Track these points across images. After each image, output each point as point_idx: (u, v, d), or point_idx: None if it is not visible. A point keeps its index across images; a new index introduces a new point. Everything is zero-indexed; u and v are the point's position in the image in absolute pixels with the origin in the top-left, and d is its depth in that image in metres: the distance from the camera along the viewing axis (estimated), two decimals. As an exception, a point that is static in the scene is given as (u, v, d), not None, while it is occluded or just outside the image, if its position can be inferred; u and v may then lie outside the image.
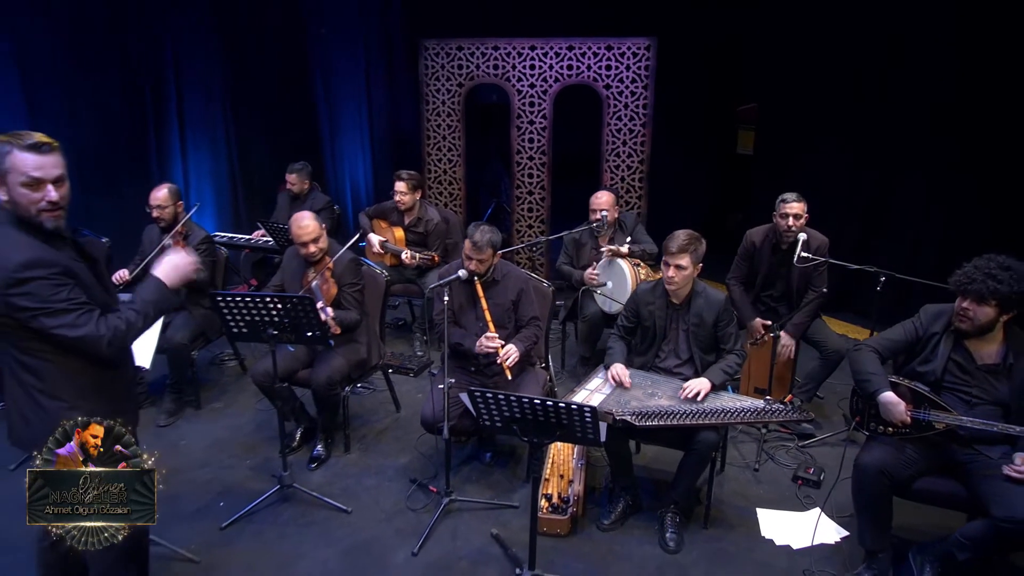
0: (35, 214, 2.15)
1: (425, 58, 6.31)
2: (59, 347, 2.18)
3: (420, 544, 3.28)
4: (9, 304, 2.10)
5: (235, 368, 5.19)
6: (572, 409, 2.62)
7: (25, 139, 2.14)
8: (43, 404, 2.26)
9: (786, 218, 4.11)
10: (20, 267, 2.09)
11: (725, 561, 3.21)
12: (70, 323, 2.15)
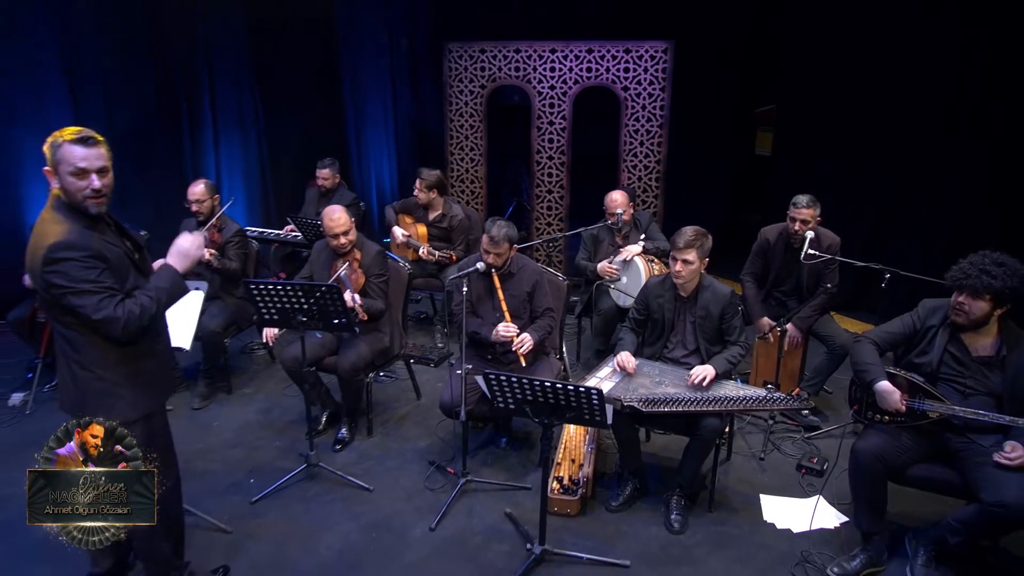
0: (81, 200, 2.37)
1: (449, 60, 6.52)
2: (86, 324, 2.39)
3: (437, 520, 3.47)
4: (45, 281, 2.32)
5: (264, 357, 5.43)
6: (580, 391, 2.79)
7: (74, 134, 2.36)
8: (76, 373, 2.47)
9: (794, 222, 4.25)
10: (55, 248, 2.30)
11: (727, 543, 3.36)
12: (92, 305, 2.33)
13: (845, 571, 3.10)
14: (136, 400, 2.54)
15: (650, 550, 3.31)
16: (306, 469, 3.82)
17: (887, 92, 5.75)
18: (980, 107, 5.19)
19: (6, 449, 4.07)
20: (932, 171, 5.57)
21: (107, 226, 2.49)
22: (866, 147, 5.98)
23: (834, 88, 6.10)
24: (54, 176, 2.39)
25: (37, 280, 2.35)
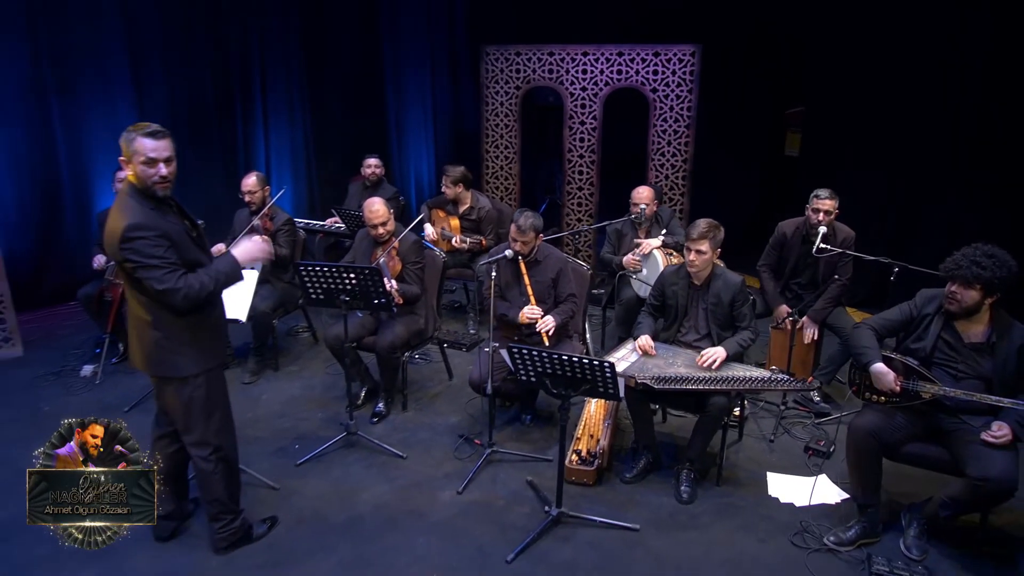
0: (150, 185, 2.76)
1: (486, 63, 6.84)
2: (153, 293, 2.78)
3: (464, 485, 3.79)
4: (121, 256, 2.71)
5: (308, 339, 5.82)
6: (595, 365, 3.08)
7: (145, 128, 2.74)
8: (148, 334, 2.87)
9: (817, 212, 4.46)
10: (130, 228, 2.68)
11: (732, 513, 3.62)
12: (158, 278, 2.72)
13: (841, 540, 3.34)
14: (196, 357, 2.93)
15: (659, 517, 3.58)
16: (345, 437, 4.18)
17: (912, 94, 5.90)
18: (1001, 112, 5.32)
19: (81, 413, 4.45)
20: (956, 172, 5.71)
21: (170, 208, 2.88)
22: (891, 148, 6.13)
23: (860, 90, 6.26)
24: (128, 165, 2.78)
25: (115, 255, 2.73)
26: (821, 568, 3.20)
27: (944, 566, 3.22)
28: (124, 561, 3.19)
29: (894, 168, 6.13)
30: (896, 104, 6.02)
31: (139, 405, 4.63)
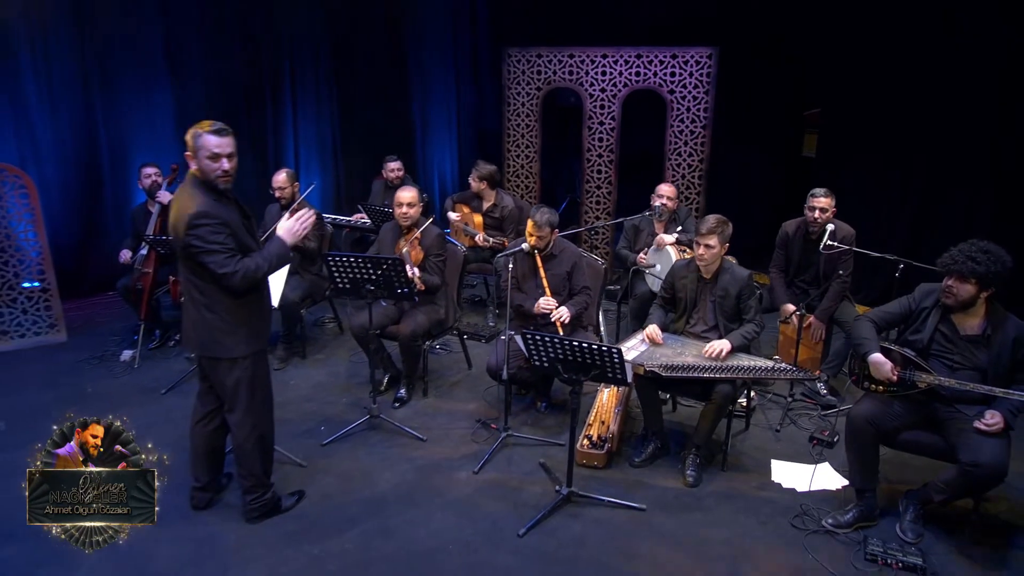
0: (214, 179, 3.00)
1: (508, 64, 7.05)
2: (212, 276, 3.02)
3: (480, 466, 3.99)
4: (185, 241, 2.95)
5: (334, 329, 6.07)
6: (603, 350, 3.27)
7: (211, 126, 2.98)
8: (203, 315, 3.11)
9: (813, 211, 4.61)
10: (195, 216, 2.93)
11: (735, 496, 3.78)
12: (219, 262, 2.97)
13: (839, 523, 3.48)
14: (247, 339, 3.18)
15: (665, 498, 3.75)
16: (369, 420, 4.40)
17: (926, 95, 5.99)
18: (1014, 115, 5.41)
19: (122, 394, 4.83)
20: (968, 173, 5.80)
21: (228, 199, 3.12)
22: (904, 148, 6.23)
23: (874, 92, 6.36)
24: (193, 159, 3.02)
25: (179, 241, 2.98)
26: (818, 548, 3.35)
27: (938, 549, 3.36)
28: (163, 529, 3.42)
29: (908, 168, 6.22)
30: (910, 105, 6.11)
31: (175, 388, 4.90)
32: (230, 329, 3.12)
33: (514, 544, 3.38)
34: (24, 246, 5.58)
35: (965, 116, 5.75)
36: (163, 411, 4.63)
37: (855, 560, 3.26)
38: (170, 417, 4.50)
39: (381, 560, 3.27)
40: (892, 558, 3.22)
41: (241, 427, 3.30)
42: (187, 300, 3.16)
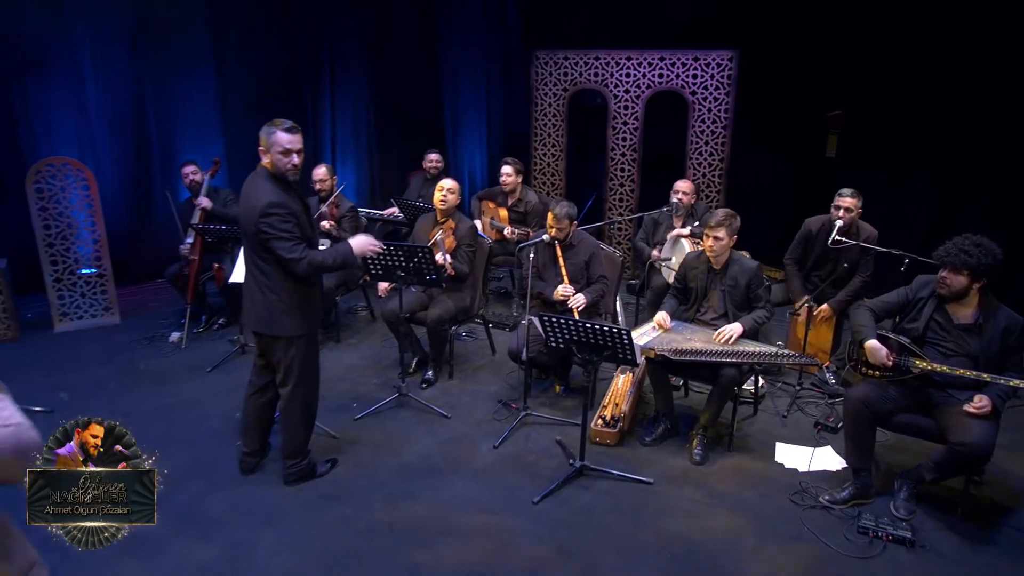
0: (284, 171, 3.36)
1: (536, 66, 7.34)
2: (279, 260, 3.36)
3: (500, 441, 4.28)
4: (257, 227, 3.30)
5: (366, 316, 6.42)
6: (614, 332, 3.53)
7: (282, 124, 3.34)
8: (266, 296, 3.46)
9: (839, 209, 4.80)
10: (267, 205, 3.29)
11: (739, 473, 4.01)
12: (287, 248, 3.33)
13: (835, 499, 3.70)
14: (303, 320, 3.54)
15: (672, 474, 4.00)
16: (397, 398, 4.72)
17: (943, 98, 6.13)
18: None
19: (171, 371, 5.24)
20: (986, 175, 5.92)
21: (293, 191, 3.47)
22: (922, 150, 6.36)
23: (894, 94, 6.50)
24: (266, 153, 3.38)
25: (250, 227, 3.34)
26: (814, 522, 3.57)
27: (928, 526, 3.55)
28: (214, 490, 3.80)
29: (926, 169, 6.35)
30: (928, 107, 6.24)
31: (220, 366, 5.27)
32: (287, 310, 3.47)
33: (528, 510, 3.66)
34: (84, 235, 6.02)
35: (984, 118, 5.87)
36: (209, 386, 5.00)
37: (848, 532, 3.48)
38: (216, 392, 4.88)
39: (406, 519, 3.57)
40: (883, 531, 3.43)
41: (292, 399, 3.65)
42: (250, 282, 3.50)
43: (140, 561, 3.24)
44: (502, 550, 3.36)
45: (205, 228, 5.51)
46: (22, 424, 1.53)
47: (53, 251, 5.87)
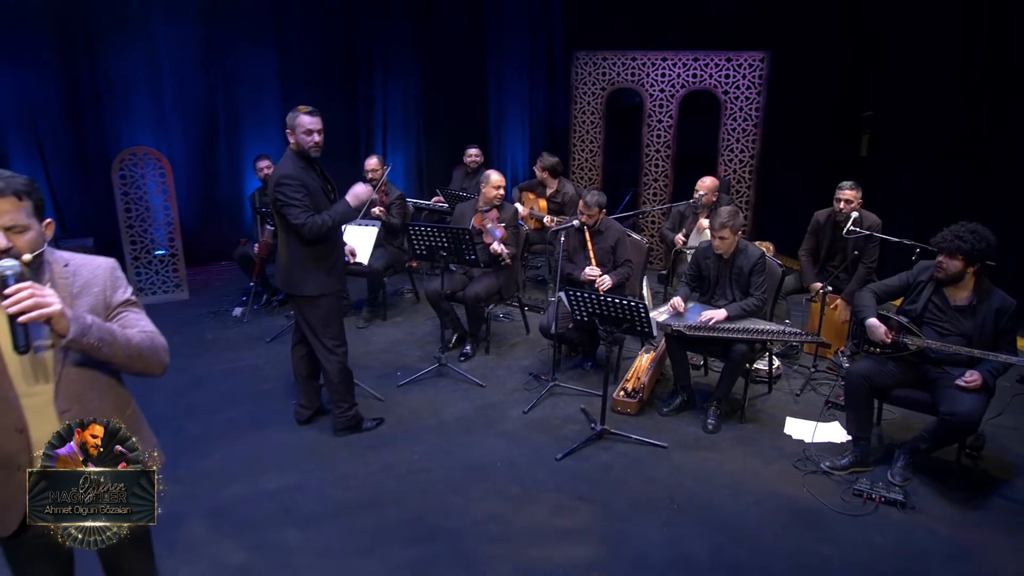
0: (307, 149, 3.86)
1: (576, 67, 7.72)
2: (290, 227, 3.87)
3: (529, 408, 4.69)
4: (274, 196, 3.82)
5: (411, 298, 6.90)
6: (631, 304, 3.91)
7: (305, 109, 3.84)
8: (292, 257, 3.95)
9: (839, 201, 5.10)
10: (282, 176, 3.80)
11: (748, 442, 4.34)
12: (294, 215, 3.81)
13: (835, 465, 4.01)
14: (326, 281, 4.01)
15: (686, 441, 4.35)
16: (437, 368, 5.17)
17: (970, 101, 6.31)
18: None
19: (234, 341, 5.82)
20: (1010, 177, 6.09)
21: (315, 169, 3.96)
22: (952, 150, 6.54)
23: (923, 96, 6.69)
24: (292, 135, 3.87)
25: (271, 196, 3.83)
26: (814, 485, 3.89)
27: (921, 491, 3.83)
28: (271, 436, 4.31)
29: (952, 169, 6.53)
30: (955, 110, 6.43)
31: (277, 338, 5.80)
32: (304, 272, 3.96)
33: (551, 466, 4.06)
34: (159, 218, 6.64)
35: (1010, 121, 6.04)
36: (268, 354, 5.54)
37: (844, 495, 3.79)
38: (274, 359, 5.40)
39: (442, 468, 4.01)
40: (877, 493, 3.73)
41: (322, 353, 4.13)
42: (280, 247, 4.01)
43: (210, 498, 3.75)
44: (525, 495, 3.78)
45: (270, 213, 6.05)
46: (156, 331, 2.03)
47: (132, 232, 6.51)
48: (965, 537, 3.49)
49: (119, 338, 1.93)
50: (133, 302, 2.10)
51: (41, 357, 1.93)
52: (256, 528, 3.48)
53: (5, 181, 1.83)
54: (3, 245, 1.80)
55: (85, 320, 1.85)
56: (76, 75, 6.81)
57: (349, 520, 3.56)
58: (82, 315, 1.86)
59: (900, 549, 3.41)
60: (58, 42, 6.67)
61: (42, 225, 1.93)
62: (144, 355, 1.99)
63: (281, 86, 7.74)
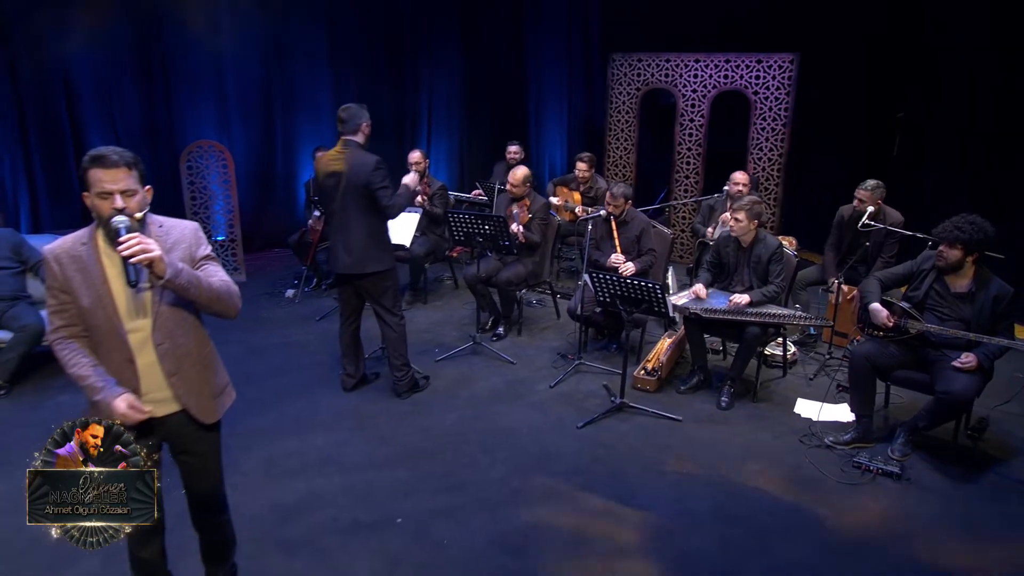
0: (366, 143, 4.34)
1: (612, 68, 8.06)
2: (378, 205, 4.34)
3: (555, 383, 5.06)
4: (370, 179, 4.28)
5: (450, 285, 7.34)
6: (648, 286, 4.26)
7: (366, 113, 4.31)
8: (367, 240, 4.42)
9: (854, 199, 5.36)
10: (378, 161, 4.29)
11: (758, 418, 4.64)
12: (387, 196, 4.31)
13: (838, 440, 4.29)
14: (389, 258, 4.53)
15: (699, 415, 4.68)
16: (472, 346, 5.58)
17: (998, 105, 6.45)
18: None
19: (286, 320, 6.33)
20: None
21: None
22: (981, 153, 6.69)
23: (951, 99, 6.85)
24: (360, 130, 4.38)
25: (360, 180, 4.30)
26: (816, 457, 4.18)
27: (918, 467, 4.09)
28: (319, 401, 4.78)
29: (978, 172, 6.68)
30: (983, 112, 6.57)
31: (326, 317, 6.29)
32: (380, 249, 4.45)
33: (573, 433, 4.43)
34: (220, 206, 7.20)
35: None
36: (317, 332, 6.02)
37: (843, 467, 4.07)
38: (323, 336, 5.88)
39: (473, 432, 4.42)
40: (874, 466, 4.00)
41: (389, 323, 4.62)
42: (353, 233, 4.43)
43: (265, 450, 4.22)
44: (547, 456, 4.16)
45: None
46: (231, 281, 2.49)
47: (196, 219, 7.07)
48: (953, 504, 3.76)
49: (203, 282, 2.38)
50: (213, 257, 2.55)
51: (142, 297, 2.38)
52: (306, 475, 3.94)
53: (119, 154, 2.29)
54: (119, 205, 2.26)
55: (177, 265, 2.30)
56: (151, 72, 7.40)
57: (387, 471, 3.99)
58: (175, 261, 2.31)
59: (890, 513, 3.69)
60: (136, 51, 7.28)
61: (144, 191, 2.38)
62: (222, 298, 2.44)
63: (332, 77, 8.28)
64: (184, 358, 2.50)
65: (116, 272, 2.33)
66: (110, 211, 2.26)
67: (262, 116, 8.07)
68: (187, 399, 2.53)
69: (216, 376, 2.65)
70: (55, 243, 2.38)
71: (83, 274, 2.34)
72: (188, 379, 2.52)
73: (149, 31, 7.24)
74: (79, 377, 2.35)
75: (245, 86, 7.88)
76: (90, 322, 2.36)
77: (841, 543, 3.46)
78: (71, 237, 2.39)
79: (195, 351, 2.55)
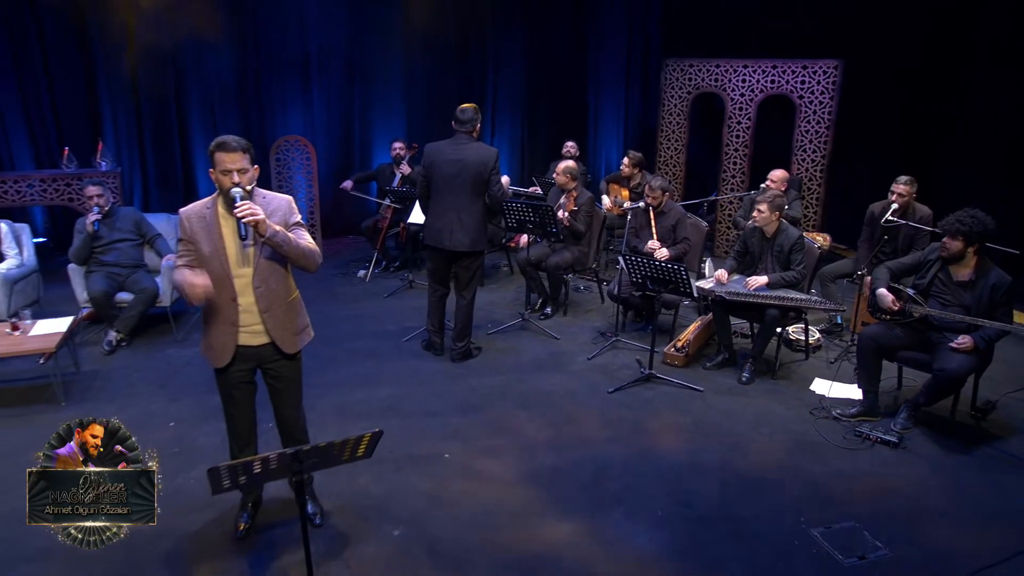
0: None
1: (666, 72, 8.55)
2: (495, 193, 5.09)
3: (593, 356, 5.64)
4: (492, 167, 5.01)
5: (506, 271, 7.99)
6: (673, 268, 4.79)
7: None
8: (476, 223, 5.14)
9: (892, 194, 5.71)
10: (497, 154, 5.01)
11: (775, 392, 5.10)
12: (501, 185, 5.05)
13: (845, 413, 4.71)
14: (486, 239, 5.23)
15: (720, 388, 5.17)
16: (521, 323, 6.21)
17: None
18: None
19: (357, 296, 7.10)
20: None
21: None
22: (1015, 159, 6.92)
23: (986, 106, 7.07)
24: (476, 127, 5.12)
25: (482, 167, 5.02)
26: (823, 426, 4.62)
27: (918, 439, 4.48)
28: (384, 363, 5.49)
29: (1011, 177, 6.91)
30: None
31: (393, 294, 7.03)
32: (483, 231, 5.19)
33: (603, 397, 5.00)
34: (302, 195, 8.04)
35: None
36: (385, 307, 6.76)
37: (846, 435, 4.51)
38: (390, 311, 6.62)
39: (514, 392, 5.05)
40: (874, 435, 4.43)
41: (469, 296, 5.36)
42: (463, 217, 5.11)
43: (337, 399, 4.95)
44: (579, 414, 4.75)
45: (398, 191, 7.28)
46: (314, 243, 3.18)
47: (282, 205, 7.93)
48: (942, 472, 4.16)
49: (293, 242, 3.08)
50: (302, 224, 3.24)
51: (247, 251, 3.09)
52: (370, 417, 4.64)
53: (236, 141, 3.01)
54: (236, 180, 2.98)
55: (275, 227, 3.00)
56: (245, 74, 8.32)
57: (440, 419, 4.66)
58: (274, 224, 3.02)
59: (881, 474, 4.12)
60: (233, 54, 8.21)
61: (253, 169, 3.09)
62: (306, 255, 3.13)
63: (404, 78, 9.06)
64: (275, 300, 3.21)
65: (230, 230, 3.06)
66: (229, 184, 2.98)
67: (343, 115, 8.90)
68: (275, 332, 3.23)
69: (299, 317, 3.35)
70: (187, 207, 3.14)
71: (206, 231, 3.08)
72: (276, 316, 3.22)
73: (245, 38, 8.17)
74: (181, 273, 3.00)
75: (328, 88, 8.72)
76: (207, 268, 3.09)
77: (828, 495, 3.92)
78: (199, 203, 3.14)
79: (283, 295, 3.25)
